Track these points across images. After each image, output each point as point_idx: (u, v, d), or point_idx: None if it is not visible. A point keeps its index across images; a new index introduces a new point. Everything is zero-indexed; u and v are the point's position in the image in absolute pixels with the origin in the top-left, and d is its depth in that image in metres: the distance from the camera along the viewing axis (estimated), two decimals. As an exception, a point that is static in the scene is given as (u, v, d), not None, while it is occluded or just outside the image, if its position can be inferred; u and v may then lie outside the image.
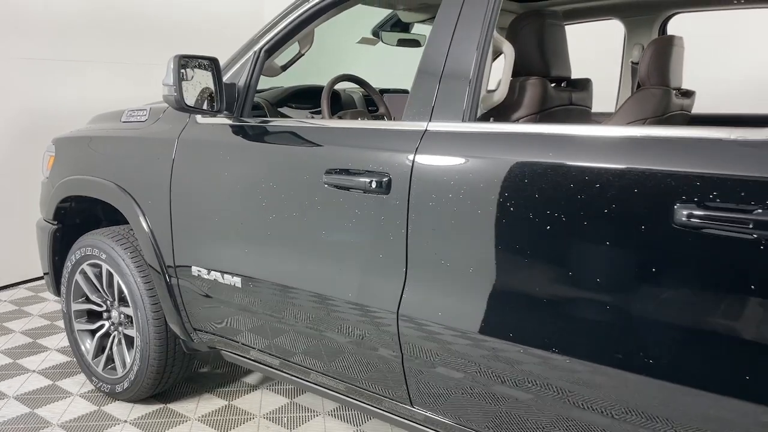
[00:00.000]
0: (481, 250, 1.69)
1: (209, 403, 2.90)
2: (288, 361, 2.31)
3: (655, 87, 2.28)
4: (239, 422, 2.75)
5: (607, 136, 1.54)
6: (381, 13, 3.13)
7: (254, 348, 2.42)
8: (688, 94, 2.55)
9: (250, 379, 3.14)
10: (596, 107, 2.49)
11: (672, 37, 2.47)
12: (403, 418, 2.06)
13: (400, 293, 1.87)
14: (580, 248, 1.54)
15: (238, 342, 2.48)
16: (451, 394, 1.84)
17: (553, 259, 1.59)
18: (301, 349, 2.23)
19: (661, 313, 1.43)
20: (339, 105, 3.07)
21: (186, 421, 2.76)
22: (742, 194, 1.30)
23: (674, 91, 2.37)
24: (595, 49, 3.14)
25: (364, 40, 3.21)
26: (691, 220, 1.35)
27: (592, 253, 1.52)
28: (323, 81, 2.75)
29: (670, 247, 1.40)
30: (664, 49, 2.37)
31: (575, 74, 2.33)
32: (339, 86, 3.09)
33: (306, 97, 2.92)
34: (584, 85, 2.30)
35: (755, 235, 1.29)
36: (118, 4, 4.74)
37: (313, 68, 3.19)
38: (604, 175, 1.48)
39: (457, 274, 1.75)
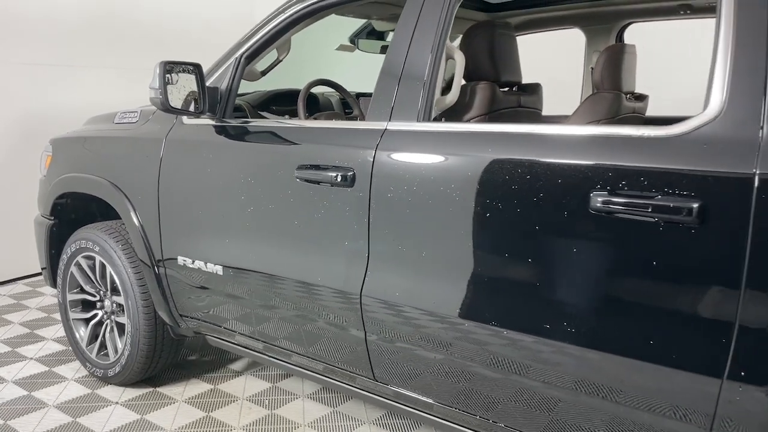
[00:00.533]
0: (431, 236, 1.89)
1: (196, 387, 3.09)
2: (270, 344, 2.50)
3: (607, 91, 2.47)
4: (223, 404, 2.93)
5: (538, 133, 1.74)
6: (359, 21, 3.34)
7: (237, 332, 2.61)
8: (641, 98, 2.74)
9: (236, 365, 3.33)
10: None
11: (623, 45, 2.67)
12: (374, 394, 2.25)
13: (363, 276, 2.07)
14: (514, 232, 1.74)
15: (221, 327, 2.67)
16: (410, 368, 2.04)
17: (492, 242, 1.79)
18: (281, 333, 2.42)
19: (581, 287, 1.63)
20: (317, 108, 3.27)
21: (173, 402, 2.94)
22: (645, 183, 1.50)
23: (627, 95, 2.56)
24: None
25: (342, 47, 3.41)
26: (604, 206, 1.55)
27: (524, 236, 1.72)
28: (303, 85, 2.95)
29: (587, 229, 1.59)
30: (616, 56, 2.56)
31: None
32: (318, 90, 3.29)
33: (286, 100, 3.12)
34: (533, 89, 2.51)
35: (656, 219, 1.49)
36: (114, 12, 4.94)
37: (295, 73, 3.39)
38: (533, 168, 1.68)
39: (412, 258, 1.95)
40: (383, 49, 3.48)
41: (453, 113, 2.15)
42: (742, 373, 1.42)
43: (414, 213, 1.92)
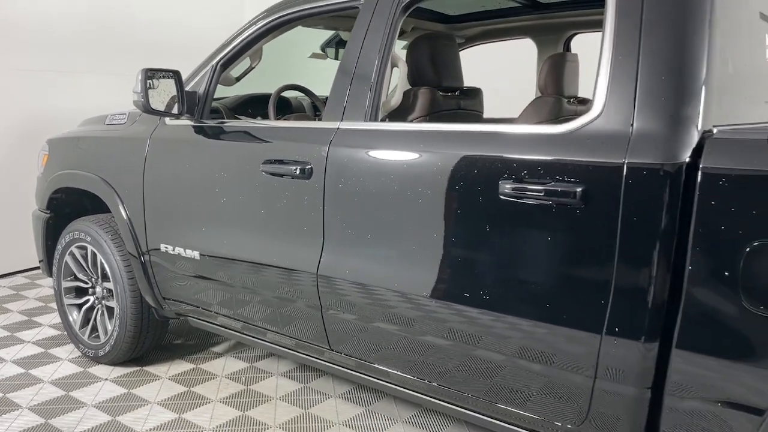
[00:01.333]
0: (375, 221, 2.18)
1: (179, 366, 3.37)
2: (247, 323, 2.77)
3: (549, 96, 2.76)
4: (204, 380, 3.21)
5: (461, 131, 2.03)
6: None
7: (214, 312, 2.90)
8: (584, 101, 3.03)
9: (217, 348, 3.61)
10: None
11: (565, 53, 2.95)
12: (337, 365, 2.52)
13: (318, 257, 2.35)
14: (440, 215, 2.02)
15: (200, 308, 2.95)
16: (362, 338, 2.32)
17: (424, 224, 2.07)
18: (255, 312, 2.70)
19: (494, 261, 1.92)
20: (290, 110, 3.55)
21: (158, 379, 3.22)
22: (542, 172, 1.79)
23: (569, 99, 2.85)
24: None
25: (314, 55, 3.71)
26: (511, 191, 1.83)
27: (447, 218, 2.00)
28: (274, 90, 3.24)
29: (497, 212, 1.88)
30: (558, 63, 2.85)
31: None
32: (292, 95, 3.57)
33: (260, 104, 3.40)
34: (474, 93, 2.79)
35: (550, 201, 1.77)
36: (111, 22, 5.25)
37: (276, 79, 3.68)
38: (456, 160, 1.96)
39: (359, 240, 2.23)
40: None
41: (399, 114, 2.44)
42: (617, 329, 1.70)
43: (361, 201, 2.21)
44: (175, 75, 2.69)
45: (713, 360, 1.58)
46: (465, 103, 2.66)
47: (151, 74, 2.60)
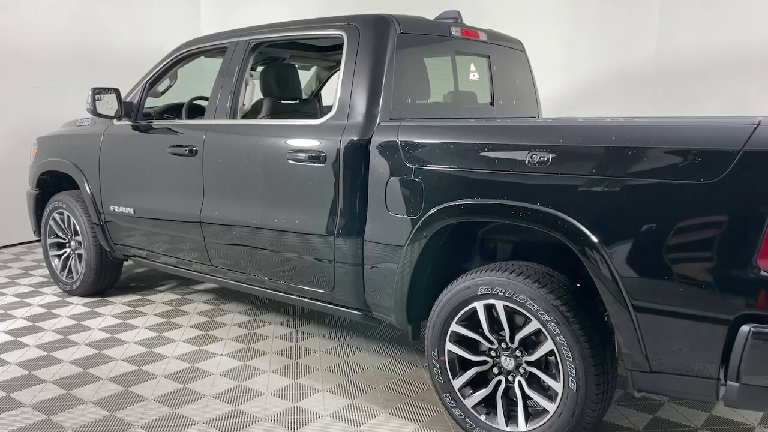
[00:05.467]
0: (229, 181, 3.53)
1: (130, 297, 4.73)
2: (173, 256, 4.08)
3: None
4: (147, 303, 4.56)
5: (270, 124, 3.39)
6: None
7: (145, 250, 4.25)
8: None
9: (161, 287, 4.97)
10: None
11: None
12: (217, 277, 3.87)
13: (200, 207, 3.70)
14: (259, 174, 3.36)
15: (137, 248, 4.31)
16: (225, 252, 3.67)
17: (253, 179, 3.40)
18: (175, 250, 4.02)
19: (288, 198, 3.26)
20: (202, 113, 4.88)
21: (113, 304, 4.58)
22: (307, 147, 3.13)
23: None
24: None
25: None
26: (291, 157, 3.17)
27: (262, 175, 3.35)
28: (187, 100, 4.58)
29: (283, 169, 3.22)
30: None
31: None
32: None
33: (179, 110, 4.72)
34: (309, 102, 4.14)
35: (311, 162, 3.11)
36: (90, 46, 6.64)
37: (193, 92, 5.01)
38: (266, 139, 3.31)
39: (223, 194, 3.58)
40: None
41: (251, 115, 3.79)
42: (341, 232, 3.04)
43: (224, 168, 3.56)
44: (116, 91, 4.05)
45: (381, 244, 2.91)
46: (301, 108, 4.01)
47: (98, 91, 3.96)
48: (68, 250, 4.77)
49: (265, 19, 3.93)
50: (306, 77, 5.00)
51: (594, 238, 2.25)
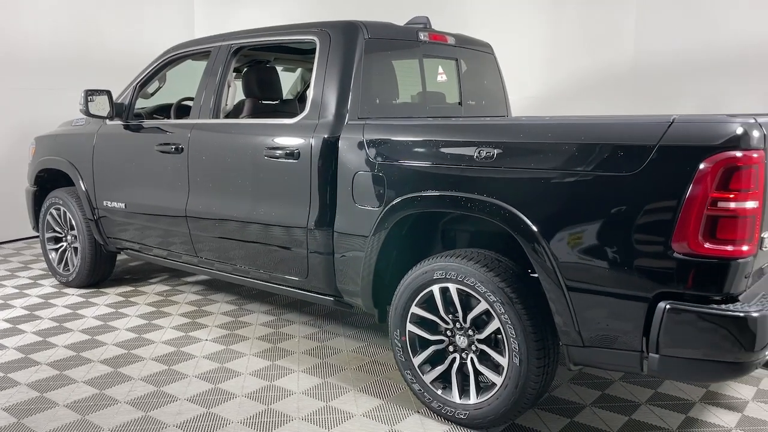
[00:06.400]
0: (212, 176, 3.76)
1: (123, 288, 4.98)
2: (168, 250, 4.32)
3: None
4: (140, 294, 4.81)
5: (248, 123, 3.63)
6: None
7: (137, 243, 4.49)
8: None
9: (153, 279, 5.22)
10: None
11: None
12: (204, 268, 4.11)
13: (186, 201, 3.94)
14: (239, 169, 3.60)
15: (129, 241, 4.55)
16: (208, 245, 3.91)
17: (234, 174, 3.64)
18: (166, 242, 4.26)
19: (264, 192, 3.50)
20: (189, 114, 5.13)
21: (107, 295, 4.82)
22: (283, 144, 3.37)
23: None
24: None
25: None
26: (268, 153, 3.41)
27: (242, 170, 3.58)
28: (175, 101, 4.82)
29: (261, 165, 3.46)
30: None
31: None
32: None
33: (169, 110, 4.96)
34: (289, 102, 4.38)
35: (285, 159, 3.35)
36: (86, 49, 6.89)
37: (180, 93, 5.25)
38: (245, 137, 3.55)
39: (207, 188, 3.81)
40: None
41: (233, 114, 4.03)
42: (314, 225, 3.27)
43: (207, 164, 3.79)
44: (107, 92, 4.29)
45: (349, 235, 3.15)
46: (282, 108, 4.24)
47: (90, 92, 4.20)
48: (65, 244, 5.02)
49: (256, 22, 4.19)
50: (293, 78, 5.25)
51: (533, 226, 2.49)
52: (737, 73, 5.26)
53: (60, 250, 5.05)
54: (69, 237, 4.97)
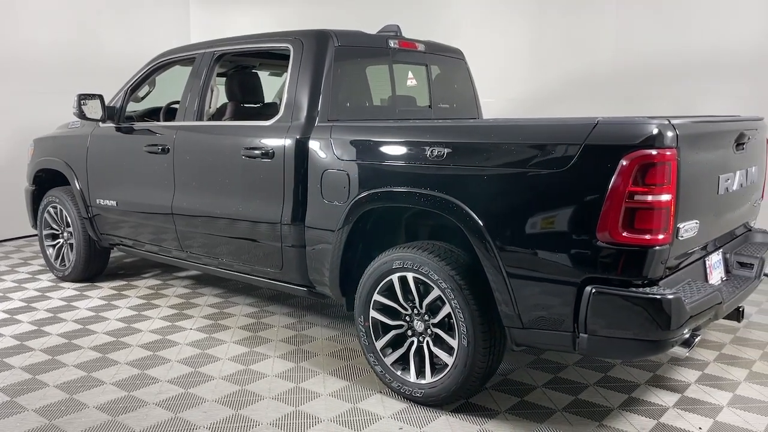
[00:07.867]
0: (195, 175, 4.01)
1: (117, 282, 5.23)
2: (159, 246, 4.57)
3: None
4: (132, 288, 5.06)
5: (227, 124, 3.88)
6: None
7: (128, 239, 4.74)
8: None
9: (145, 274, 5.47)
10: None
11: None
12: (191, 261, 4.35)
13: (172, 198, 4.19)
14: (218, 169, 3.85)
15: (121, 237, 4.81)
16: (193, 239, 4.16)
17: (214, 173, 3.89)
18: (156, 238, 4.51)
19: (242, 190, 3.75)
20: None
21: (100, 288, 5.08)
22: (261, 144, 3.62)
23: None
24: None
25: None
26: (246, 153, 3.66)
27: (221, 170, 3.83)
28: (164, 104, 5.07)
29: (239, 164, 3.71)
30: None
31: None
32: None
33: (159, 113, 5.20)
34: (271, 105, 4.62)
35: (261, 158, 3.59)
36: (85, 55, 7.16)
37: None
38: (225, 138, 3.80)
39: (190, 186, 4.06)
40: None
41: (216, 117, 4.28)
42: (286, 220, 3.52)
43: (191, 164, 4.04)
44: (100, 96, 4.55)
45: (319, 229, 3.39)
46: (263, 111, 4.49)
47: (83, 97, 4.46)
48: (61, 240, 5.28)
49: (251, 26, 4.44)
50: (280, 82, 5.49)
51: (478, 219, 2.72)
52: (711, 75, 5.49)
53: (57, 246, 5.31)
54: (65, 234, 5.23)
